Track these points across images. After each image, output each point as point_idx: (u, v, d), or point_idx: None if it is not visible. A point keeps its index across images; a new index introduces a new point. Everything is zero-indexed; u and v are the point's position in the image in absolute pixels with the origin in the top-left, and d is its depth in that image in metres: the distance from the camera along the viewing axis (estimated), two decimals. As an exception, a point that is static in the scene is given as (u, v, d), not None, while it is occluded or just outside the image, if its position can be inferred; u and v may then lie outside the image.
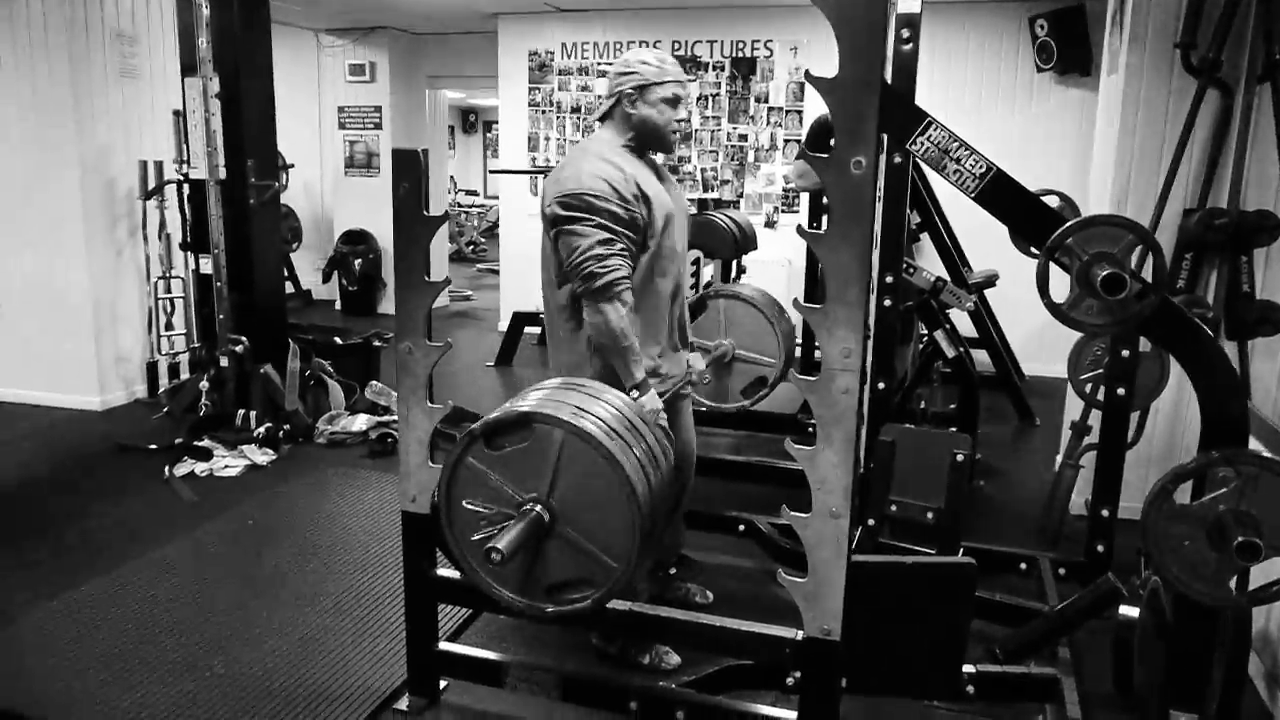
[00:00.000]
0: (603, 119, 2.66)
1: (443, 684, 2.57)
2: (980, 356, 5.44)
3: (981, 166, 1.82)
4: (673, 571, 3.10)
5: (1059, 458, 4.45)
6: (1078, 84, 6.17)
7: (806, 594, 2.06)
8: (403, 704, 2.50)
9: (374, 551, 3.45)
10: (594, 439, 1.94)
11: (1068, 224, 1.74)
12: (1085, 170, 5.29)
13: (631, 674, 2.60)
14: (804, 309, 1.97)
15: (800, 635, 2.09)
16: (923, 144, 1.87)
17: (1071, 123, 6.15)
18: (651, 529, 2.00)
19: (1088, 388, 3.37)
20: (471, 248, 13.28)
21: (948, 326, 4.22)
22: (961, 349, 4.11)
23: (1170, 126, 3.55)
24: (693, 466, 2.99)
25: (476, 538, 2.05)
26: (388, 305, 8.87)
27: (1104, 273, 1.59)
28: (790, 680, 2.44)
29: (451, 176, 14.80)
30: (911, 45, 2.91)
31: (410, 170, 2.22)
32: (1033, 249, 2.79)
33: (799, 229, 2.00)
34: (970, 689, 2.32)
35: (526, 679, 2.39)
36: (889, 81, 1.85)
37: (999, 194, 1.82)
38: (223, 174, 4.64)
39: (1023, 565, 3.17)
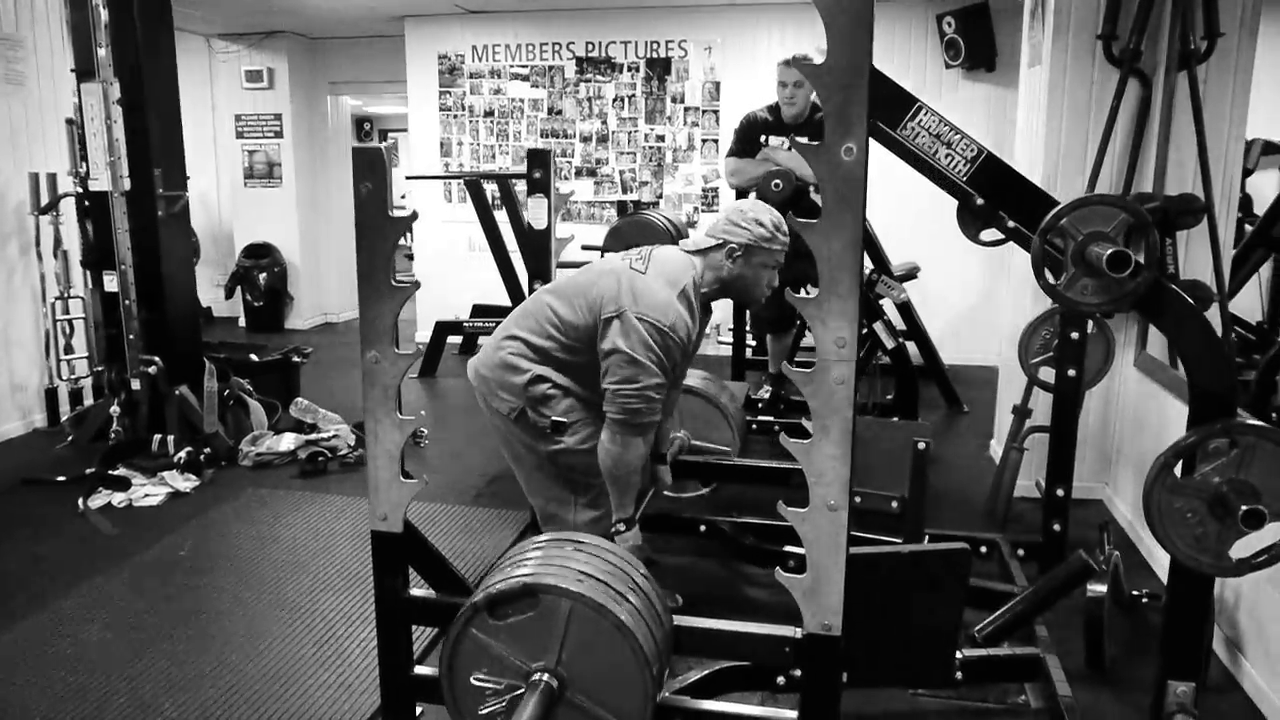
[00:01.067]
0: (694, 251, 2.64)
1: (418, 710, 2.44)
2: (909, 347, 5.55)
3: (973, 150, 1.82)
4: (642, 576, 3.03)
5: (993, 443, 4.57)
6: (984, 79, 6.36)
7: (806, 590, 2.02)
8: (379, 736, 2.37)
9: (322, 576, 3.28)
10: (604, 609, 1.90)
11: (1061, 205, 1.74)
12: (999, 162, 5.45)
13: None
14: (796, 300, 1.93)
15: (800, 633, 2.06)
16: (914, 129, 1.86)
17: (980, 116, 6.34)
18: (659, 689, 1.98)
19: (1038, 370, 3.44)
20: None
21: (885, 318, 4.29)
22: (900, 340, 4.17)
23: (1094, 115, 3.68)
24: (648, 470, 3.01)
25: (484, 711, 1.97)
26: (296, 320, 8.55)
27: (1108, 251, 1.60)
28: (780, 680, 2.41)
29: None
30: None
31: (373, 169, 2.09)
32: (982, 235, 2.84)
33: (789, 218, 1.97)
34: (959, 675, 2.33)
35: (512, 698, 2.29)
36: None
37: (992, 176, 1.82)
38: (127, 185, 4.36)
39: (983, 549, 3.21)
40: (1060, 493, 3.07)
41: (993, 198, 1.86)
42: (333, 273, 8.95)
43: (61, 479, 4.19)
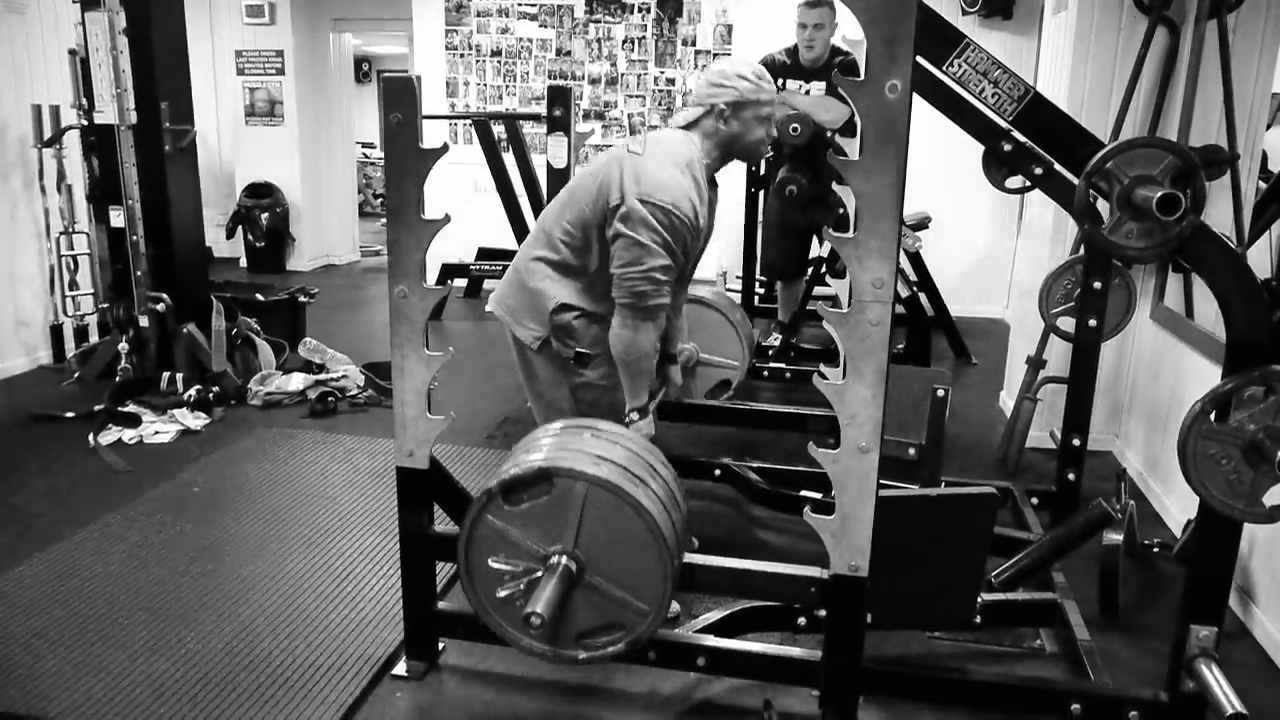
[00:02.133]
0: (686, 126, 2.55)
1: (441, 645, 2.46)
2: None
3: (1020, 89, 1.79)
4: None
5: (1003, 394, 4.58)
6: (1000, 27, 6.26)
7: (834, 531, 2.03)
8: (401, 669, 2.39)
9: (337, 513, 3.29)
10: (620, 489, 1.89)
11: (1108, 147, 1.72)
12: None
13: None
14: (833, 238, 1.91)
15: (826, 574, 2.07)
16: (959, 65, 1.82)
17: (996, 66, 6.23)
18: (677, 572, 1.98)
19: (1058, 321, 3.43)
20: (379, 200, 12.80)
21: (899, 267, 4.26)
22: (914, 289, 4.16)
23: (1120, 64, 3.63)
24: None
25: (503, 594, 1.98)
26: (298, 261, 8.48)
27: (1159, 194, 1.58)
28: (801, 621, 2.43)
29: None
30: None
31: (404, 99, 2.05)
32: (1007, 183, 2.81)
33: (831, 157, 1.94)
34: (978, 619, 2.35)
35: (537, 634, 2.30)
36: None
37: (1039, 116, 1.79)
38: (134, 118, 4.28)
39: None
40: (1076, 442, 3.08)
41: (1038, 138, 1.83)
42: (335, 213, 8.86)
43: (70, 415, 4.18)
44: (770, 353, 4.76)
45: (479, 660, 2.44)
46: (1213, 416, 1.78)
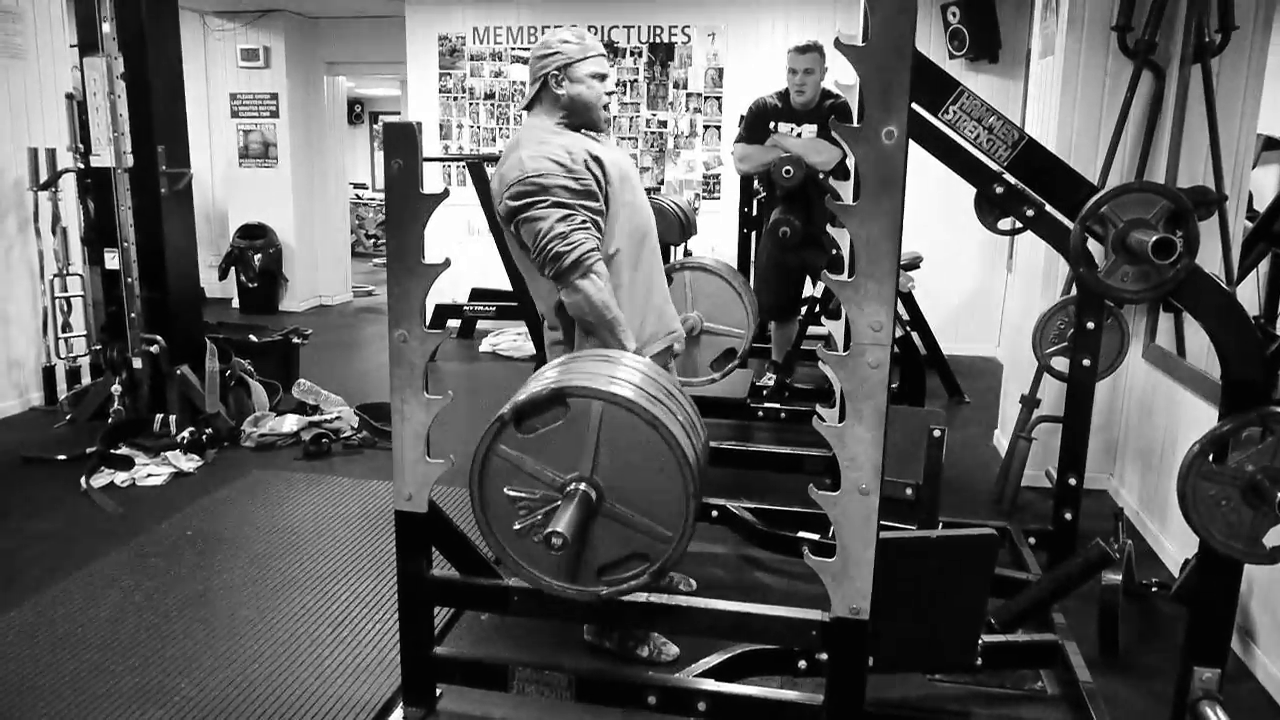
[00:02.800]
0: (530, 106, 2.56)
1: (437, 691, 2.43)
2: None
3: (1015, 134, 1.82)
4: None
5: (997, 432, 4.59)
6: (987, 70, 6.37)
7: (835, 573, 2.02)
8: (397, 716, 2.35)
9: (332, 557, 3.26)
10: (637, 406, 1.84)
11: (1102, 192, 1.75)
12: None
13: (633, 668, 2.53)
14: (831, 281, 1.93)
15: (827, 616, 2.06)
16: (955, 112, 1.85)
17: (982, 108, 6.33)
18: (699, 496, 1.92)
19: (1052, 361, 3.45)
20: (372, 241, 12.86)
21: (893, 306, 4.29)
22: (907, 328, 4.18)
23: (1107, 107, 3.69)
24: None
25: (519, 527, 1.93)
26: (290, 302, 8.49)
27: (1153, 238, 1.60)
28: (802, 664, 2.42)
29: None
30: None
31: (405, 145, 2.07)
32: (1000, 225, 2.85)
33: (829, 201, 1.96)
34: (979, 660, 2.34)
35: (535, 680, 2.28)
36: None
37: (1033, 162, 1.82)
38: (130, 161, 4.30)
39: (994, 536, 3.22)
40: (1072, 482, 3.08)
41: (1033, 183, 1.86)
42: (327, 254, 8.88)
43: (62, 457, 4.15)
44: (765, 392, 4.76)
45: (477, 706, 2.41)
46: (1211, 457, 1.80)
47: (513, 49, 7.03)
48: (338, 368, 6.10)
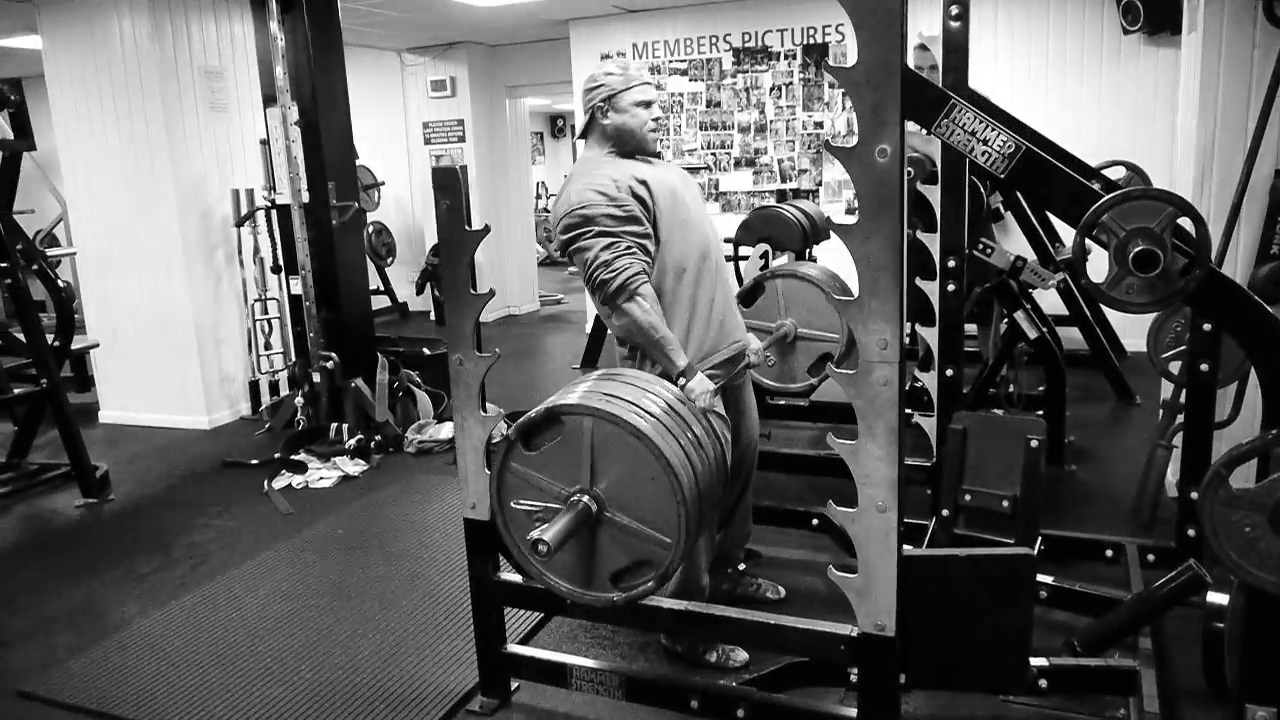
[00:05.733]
0: (584, 137, 2.74)
1: (515, 685, 2.63)
2: (1073, 334, 5.25)
3: (1010, 146, 1.76)
4: (741, 567, 3.09)
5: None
6: (1169, 44, 5.85)
7: (858, 590, 2.04)
8: (475, 705, 2.58)
9: (456, 556, 3.55)
10: (619, 418, 1.96)
11: (1101, 200, 1.67)
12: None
13: (697, 672, 2.62)
14: (837, 302, 1.95)
15: (855, 631, 2.07)
16: (948, 127, 1.82)
17: (1166, 86, 5.84)
18: (699, 503, 2.00)
19: (1170, 365, 3.20)
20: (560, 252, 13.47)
21: (1028, 307, 4.08)
22: (1044, 330, 3.97)
23: (1256, 83, 3.35)
24: (756, 451, 2.99)
25: (531, 536, 2.09)
26: (481, 313, 9.04)
27: (1136, 249, 1.52)
28: (854, 677, 2.42)
29: (541, 182, 15.03)
30: (961, 23, 2.85)
31: (451, 187, 2.28)
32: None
33: (827, 221, 1.98)
34: (1043, 683, 2.25)
35: (590, 679, 2.43)
36: (931, 65, 1.82)
37: (1031, 173, 1.76)
38: (306, 197, 4.84)
39: (1109, 552, 3.04)
40: (1194, 495, 2.85)
41: (1034, 193, 1.79)
42: (514, 267, 9.42)
43: (254, 462, 4.74)
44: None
45: (548, 700, 2.58)
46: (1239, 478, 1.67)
47: (670, 61, 7.20)
48: (508, 376, 6.50)
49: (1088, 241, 1.86)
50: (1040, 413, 4.09)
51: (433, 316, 9.15)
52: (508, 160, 9.24)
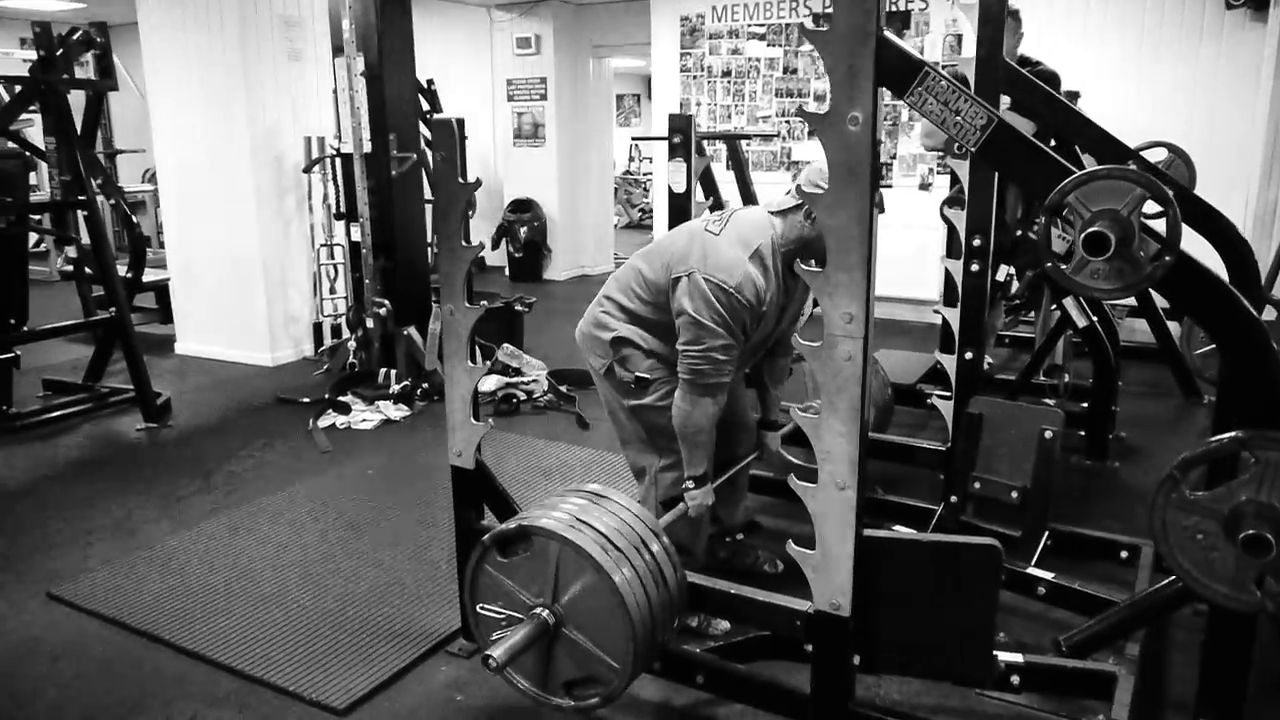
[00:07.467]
0: (775, 211, 2.57)
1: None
2: (1140, 325, 5.00)
3: (982, 118, 1.68)
4: (740, 537, 3.08)
5: (1213, 440, 4.04)
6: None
7: (815, 566, 2.01)
8: (454, 647, 2.65)
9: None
10: (584, 551, 2.02)
11: (1068, 179, 1.58)
12: None
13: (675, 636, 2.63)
14: (805, 272, 1.91)
15: (811, 609, 2.05)
16: (920, 95, 1.75)
17: (1272, 64, 5.45)
18: (650, 638, 2.06)
19: (1201, 362, 3.02)
20: (641, 216, 13.46)
21: (1079, 296, 3.90)
22: (1094, 319, 3.79)
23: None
24: (754, 425, 3.01)
25: (494, 638, 2.15)
26: (553, 271, 9.17)
27: (1085, 232, 1.45)
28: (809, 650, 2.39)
29: (635, 142, 14.88)
30: (997, -4, 2.72)
31: (446, 139, 2.31)
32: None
33: (817, 186, 1.93)
34: (1015, 679, 2.19)
35: (561, 632, 2.46)
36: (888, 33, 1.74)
37: (1001, 147, 1.68)
38: (368, 147, 4.95)
39: (1124, 553, 2.92)
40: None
41: (1004, 168, 1.71)
42: (589, 227, 9.47)
43: (306, 400, 4.92)
44: (917, 385, 4.53)
45: (527, 650, 2.63)
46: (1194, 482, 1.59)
47: (749, 25, 7.07)
48: (561, 334, 6.54)
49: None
50: (1085, 405, 3.92)
51: (507, 272, 9.28)
52: (589, 121, 9.25)
